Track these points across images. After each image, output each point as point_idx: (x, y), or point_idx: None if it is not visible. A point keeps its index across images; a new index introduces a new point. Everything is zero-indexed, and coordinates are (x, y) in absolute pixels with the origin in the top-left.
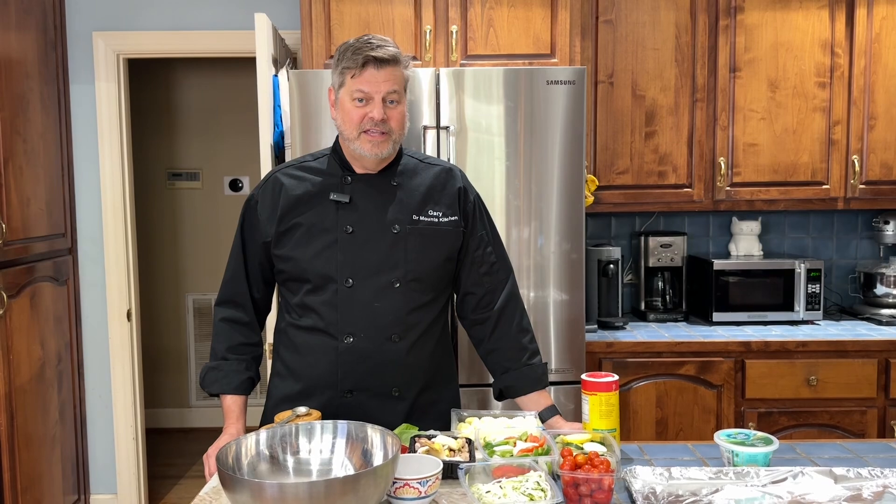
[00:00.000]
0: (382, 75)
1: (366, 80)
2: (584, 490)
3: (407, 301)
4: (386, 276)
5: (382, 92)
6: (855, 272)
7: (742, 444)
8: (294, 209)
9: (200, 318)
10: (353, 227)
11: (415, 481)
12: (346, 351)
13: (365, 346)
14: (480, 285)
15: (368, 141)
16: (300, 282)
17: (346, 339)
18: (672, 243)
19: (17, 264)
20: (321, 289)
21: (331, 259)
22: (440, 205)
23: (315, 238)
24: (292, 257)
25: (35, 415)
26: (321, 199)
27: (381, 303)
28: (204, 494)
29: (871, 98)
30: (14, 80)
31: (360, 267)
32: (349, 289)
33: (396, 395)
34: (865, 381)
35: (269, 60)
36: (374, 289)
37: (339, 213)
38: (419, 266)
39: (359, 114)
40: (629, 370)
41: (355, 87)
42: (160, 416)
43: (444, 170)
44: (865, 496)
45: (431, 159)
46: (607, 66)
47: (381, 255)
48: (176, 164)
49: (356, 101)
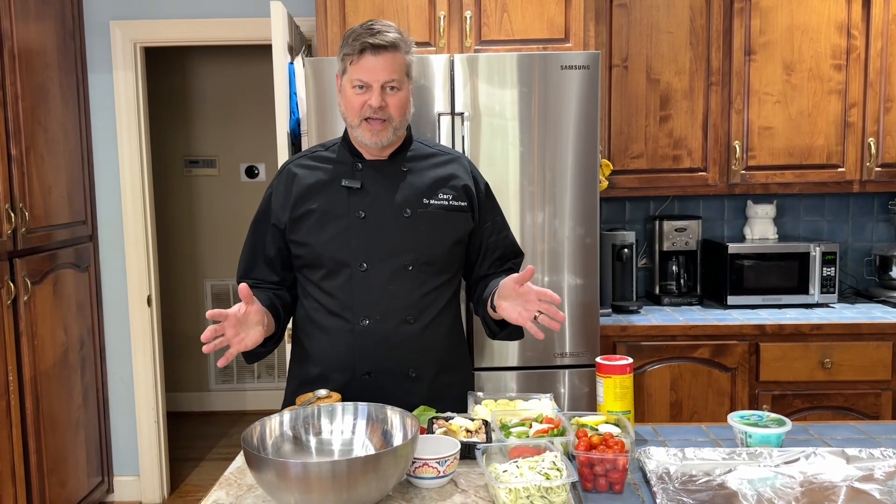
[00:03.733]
0: (380, 62)
1: (363, 67)
2: (598, 470)
3: (420, 283)
4: (399, 260)
5: (381, 80)
6: (870, 255)
7: (755, 426)
8: (307, 196)
9: (218, 304)
10: (365, 212)
11: (433, 461)
12: (363, 333)
13: (381, 328)
14: (496, 269)
15: (368, 129)
16: (315, 267)
17: (362, 322)
18: (687, 227)
19: (39, 251)
20: (336, 273)
21: (344, 244)
22: (449, 190)
23: (328, 224)
24: (307, 243)
25: (59, 398)
26: (333, 185)
27: (394, 286)
28: (229, 474)
29: (888, 80)
30: (34, 70)
31: (374, 251)
32: (364, 272)
33: (413, 375)
34: (880, 364)
35: (285, 48)
36: (387, 272)
37: (350, 198)
38: (431, 249)
39: (359, 101)
40: (644, 354)
41: (354, 76)
42: (180, 399)
43: (453, 157)
44: (877, 476)
45: (441, 147)
46: (622, 50)
47: (394, 239)
48: (193, 151)
49: (356, 88)
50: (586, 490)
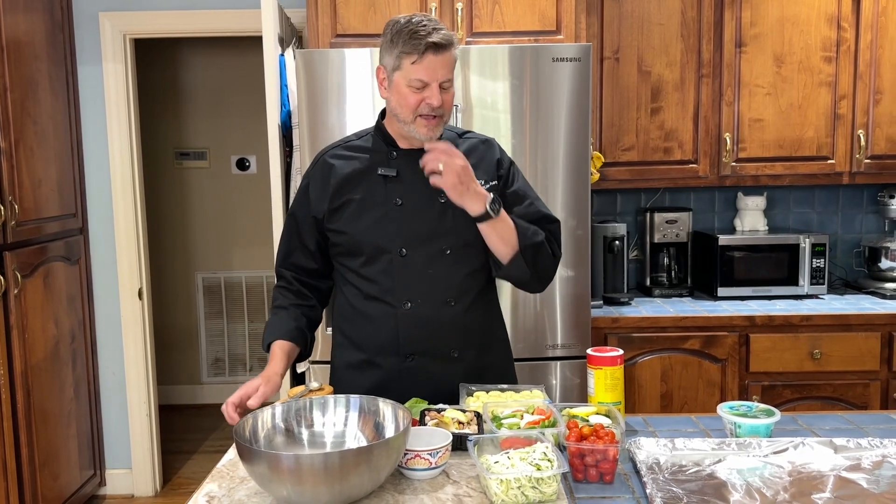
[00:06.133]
0: (440, 62)
1: (426, 67)
2: (589, 460)
3: (459, 266)
4: (437, 244)
5: (440, 79)
6: (860, 246)
7: (744, 416)
8: (345, 187)
9: (210, 297)
10: (402, 200)
11: (425, 453)
12: (406, 317)
13: (423, 311)
14: None
15: (425, 126)
16: (355, 255)
17: (404, 306)
18: (677, 219)
19: (29, 244)
20: (375, 259)
21: (384, 231)
22: (480, 172)
23: (367, 212)
24: (346, 231)
25: (51, 392)
26: (370, 174)
27: (434, 269)
28: (221, 466)
29: (878, 72)
30: (23, 61)
31: (412, 236)
32: (403, 258)
33: (455, 356)
34: (869, 355)
35: (276, 40)
36: (426, 256)
37: (387, 186)
38: (468, 232)
39: (416, 99)
40: (634, 345)
41: (414, 76)
42: (173, 392)
43: (482, 140)
44: (865, 465)
45: (469, 133)
46: (613, 42)
47: (431, 224)
48: (184, 143)
49: (413, 86)
50: (577, 480)
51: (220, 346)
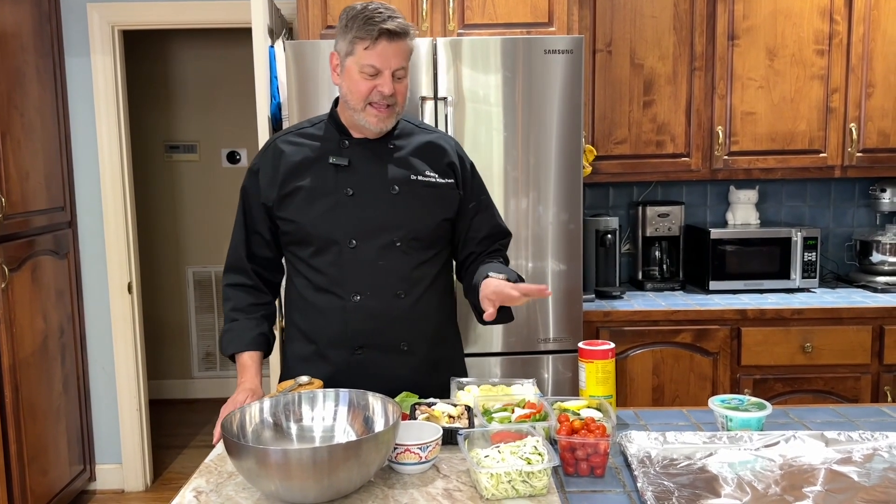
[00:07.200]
0: (393, 49)
1: (378, 53)
2: (580, 454)
3: (409, 259)
4: (387, 236)
5: (393, 67)
6: (851, 240)
7: (736, 410)
8: (295, 174)
9: (201, 291)
10: (353, 190)
11: (415, 447)
12: (355, 309)
13: (372, 303)
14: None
15: (375, 115)
16: (304, 244)
17: (353, 298)
18: (670, 213)
19: (17, 238)
20: (325, 250)
21: (333, 221)
22: (437, 167)
23: (316, 201)
24: (295, 220)
25: (39, 387)
26: (321, 163)
27: (384, 261)
28: (209, 462)
29: (870, 65)
30: (9, 53)
31: (362, 228)
32: (353, 249)
33: (405, 349)
34: (860, 348)
35: (265, 31)
36: (376, 248)
37: (338, 176)
38: (419, 224)
39: (367, 86)
40: (626, 339)
41: (366, 61)
42: (163, 387)
43: (440, 136)
44: (855, 458)
45: (427, 125)
46: (605, 34)
47: (382, 216)
48: (173, 136)
49: (365, 73)
50: (568, 474)
51: (210, 340)
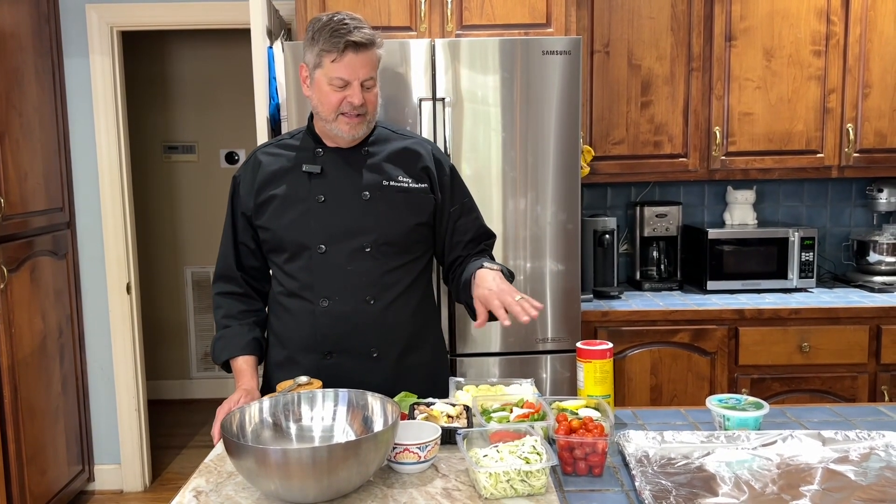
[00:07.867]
0: (360, 60)
1: (346, 65)
2: (578, 454)
3: (378, 264)
4: (357, 241)
5: (361, 77)
6: (848, 240)
7: (733, 409)
8: (270, 183)
9: (199, 291)
10: (324, 196)
11: (414, 446)
12: (323, 314)
13: (341, 308)
14: (469, 251)
15: (346, 123)
16: (278, 251)
17: (322, 303)
18: (667, 213)
19: (16, 238)
20: (297, 256)
21: (304, 227)
22: (411, 172)
23: (290, 208)
24: (269, 227)
25: (38, 387)
26: (295, 171)
27: (353, 266)
28: (209, 461)
29: (867, 66)
30: (8, 53)
31: (332, 233)
32: (322, 255)
33: (375, 355)
34: (857, 347)
35: (264, 32)
36: (345, 253)
37: (311, 183)
38: (390, 230)
39: (337, 97)
40: (624, 338)
41: (335, 74)
42: (162, 387)
43: (417, 141)
44: (852, 458)
45: (405, 131)
46: (603, 35)
47: (352, 221)
48: (172, 137)
49: (334, 85)
50: (566, 474)
51: (209, 341)
